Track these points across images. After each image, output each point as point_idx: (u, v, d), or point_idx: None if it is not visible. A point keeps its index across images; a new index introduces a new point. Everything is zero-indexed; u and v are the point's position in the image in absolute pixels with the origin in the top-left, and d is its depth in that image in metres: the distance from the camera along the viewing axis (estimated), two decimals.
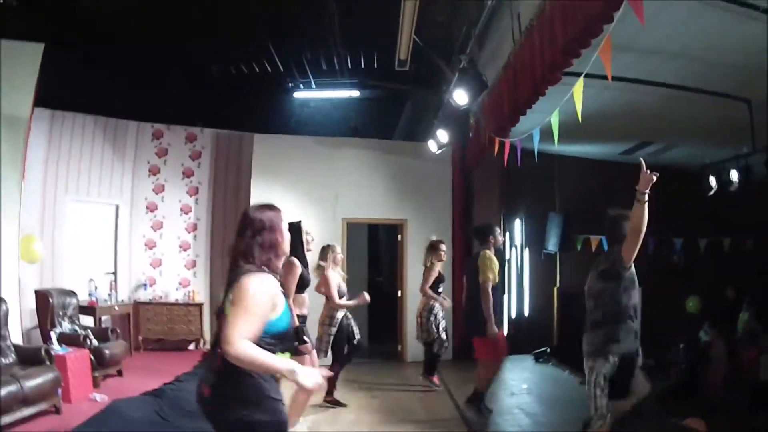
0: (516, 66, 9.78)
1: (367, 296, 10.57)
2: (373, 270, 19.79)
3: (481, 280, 10.16)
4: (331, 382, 11.12)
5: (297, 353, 8.13)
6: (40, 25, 12.45)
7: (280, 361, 4.01)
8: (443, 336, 12.43)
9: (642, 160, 6.82)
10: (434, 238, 12.90)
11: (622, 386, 7.11)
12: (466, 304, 11.07)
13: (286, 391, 5.02)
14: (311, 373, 4.01)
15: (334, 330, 10.80)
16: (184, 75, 16.23)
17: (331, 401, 11.20)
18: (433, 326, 12.38)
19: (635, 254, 6.95)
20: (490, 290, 10.10)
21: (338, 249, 11.20)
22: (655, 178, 6.82)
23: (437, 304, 12.44)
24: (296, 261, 8.64)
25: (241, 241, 4.39)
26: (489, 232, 10.64)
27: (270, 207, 4.58)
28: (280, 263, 4.54)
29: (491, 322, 10.06)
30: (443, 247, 12.59)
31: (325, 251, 10.93)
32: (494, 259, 10.33)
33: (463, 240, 16.29)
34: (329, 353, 10.92)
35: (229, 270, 4.43)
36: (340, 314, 10.92)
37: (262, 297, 4.12)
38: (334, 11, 12.35)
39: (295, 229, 8.68)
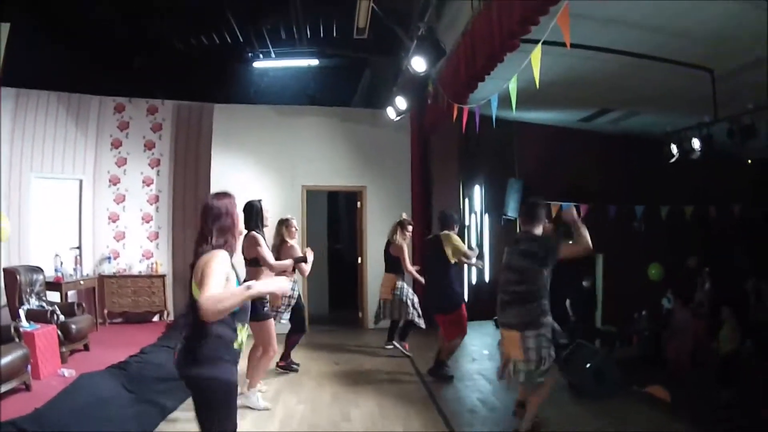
0: (474, 33, 9.90)
1: (310, 253, 10.63)
2: (332, 237, 19.91)
3: (456, 260, 10.74)
4: (288, 348, 11.47)
5: (258, 319, 8.71)
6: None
7: (240, 290, 4.60)
8: (419, 310, 12.64)
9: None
10: (405, 216, 13.04)
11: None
12: (428, 282, 11.38)
13: (242, 360, 5.44)
14: (271, 281, 5.03)
15: (293, 300, 11.01)
16: (145, 48, 16.17)
17: (284, 366, 11.47)
18: (407, 305, 12.54)
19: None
20: (468, 260, 10.91)
21: (293, 221, 11.21)
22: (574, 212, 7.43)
23: (403, 283, 12.66)
24: (257, 234, 8.76)
25: (204, 226, 5.09)
26: (452, 223, 11.04)
27: (225, 195, 5.25)
28: (236, 242, 5.24)
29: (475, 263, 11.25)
30: (410, 228, 12.78)
31: (280, 224, 11.04)
32: (455, 237, 10.83)
33: (422, 208, 16.38)
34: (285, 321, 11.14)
35: (193, 253, 5.06)
36: (295, 284, 11.12)
37: (217, 267, 4.72)
38: None
39: (256, 207, 8.87)
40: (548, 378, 7.57)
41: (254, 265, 8.96)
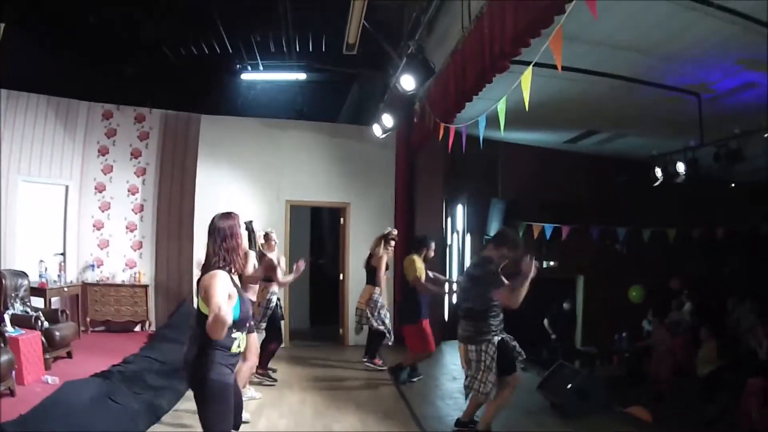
0: (464, 53, 9.94)
1: (302, 263, 10.76)
2: (315, 253, 19.86)
3: (409, 280, 11.38)
4: (265, 357, 11.58)
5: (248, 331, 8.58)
6: None
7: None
8: (388, 325, 12.85)
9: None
10: (390, 230, 13.21)
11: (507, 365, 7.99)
12: (399, 296, 11.78)
13: None
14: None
15: (269, 311, 11.34)
16: (135, 55, 16.19)
17: (262, 374, 11.60)
18: (378, 317, 12.72)
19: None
20: (419, 283, 11.23)
21: (273, 235, 11.70)
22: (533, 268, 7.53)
23: (378, 295, 12.83)
24: (249, 251, 8.89)
25: (211, 245, 5.52)
26: (424, 245, 11.73)
27: (229, 216, 5.65)
28: (241, 260, 5.64)
29: (430, 288, 11.58)
30: (393, 243, 13.02)
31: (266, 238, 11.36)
32: (415, 260, 11.39)
33: (405, 226, 16.39)
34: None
35: (201, 269, 5.58)
36: (274, 296, 11.48)
37: (218, 287, 5.13)
38: None
39: (248, 229, 8.98)
40: (503, 390, 7.99)
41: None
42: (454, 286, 13.46)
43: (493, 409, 8.18)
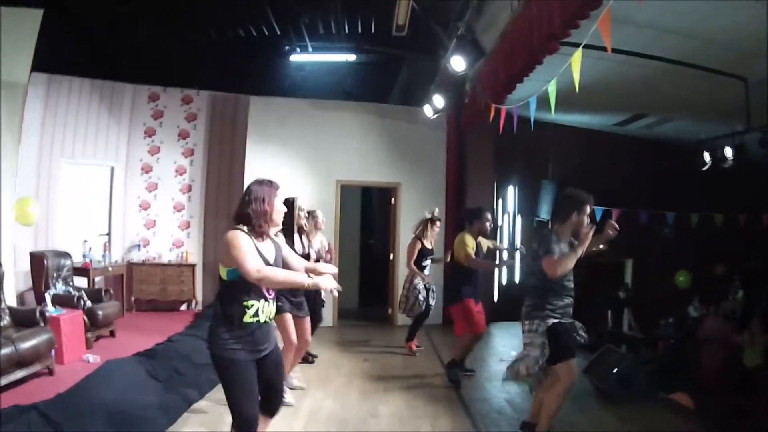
0: (514, 34, 9.77)
1: (338, 287, 10.67)
2: (365, 233, 19.85)
3: (457, 259, 10.83)
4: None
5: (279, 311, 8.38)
6: None
7: (298, 275, 5.33)
8: (421, 308, 12.56)
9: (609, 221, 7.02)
10: (437, 212, 12.83)
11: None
12: (447, 275, 11.46)
13: None
14: (326, 279, 5.34)
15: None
16: (182, 37, 16.17)
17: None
18: (411, 299, 12.51)
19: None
20: (471, 260, 10.63)
21: (319, 213, 11.24)
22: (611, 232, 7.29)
23: (418, 278, 12.52)
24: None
25: (240, 206, 5.44)
26: (476, 217, 10.96)
27: (264, 182, 5.58)
28: (270, 229, 5.54)
29: (486, 265, 11.46)
30: (438, 224, 12.67)
31: (306, 217, 10.89)
32: (466, 239, 10.75)
33: (455, 207, 16.34)
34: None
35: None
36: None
37: (242, 241, 5.12)
38: None
39: (289, 204, 8.79)
40: (561, 375, 7.34)
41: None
42: (506, 255, 13.36)
43: (547, 407, 7.47)
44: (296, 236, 9.42)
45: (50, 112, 14.45)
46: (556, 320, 7.25)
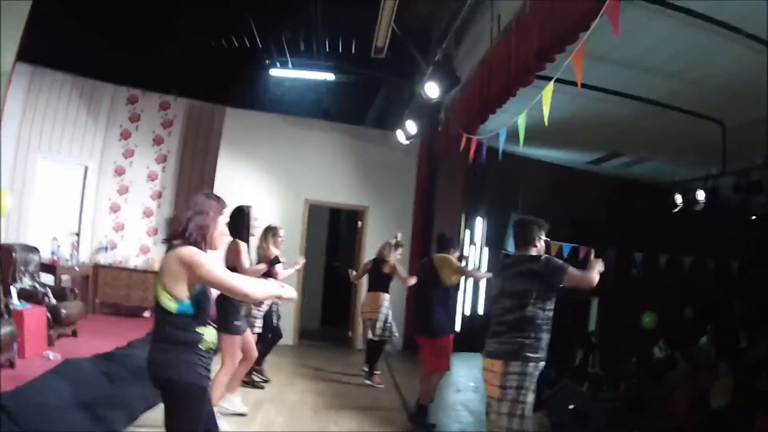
0: (491, 65, 9.87)
1: (302, 260, 10.70)
2: (331, 254, 19.86)
3: (444, 281, 10.25)
4: (258, 358, 11.16)
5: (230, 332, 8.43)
6: None
7: (274, 285, 5.20)
8: (393, 332, 12.61)
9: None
10: (399, 237, 13.00)
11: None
12: (417, 306, 11.06)
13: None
14: (289, 290, 5.09)
15: (263, 310, 10.91)
16: (164, 43, 16.24)
17: (257, 371, 11.38)
18: (389, 324, 12.50)
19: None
20: (467, 271, 11.29)
21: (280, 231, 10.99)
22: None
23: (386, 303, 12.53)
24: (240, 242, 8.71)
25: (184, 218, 4.97)
26: (452, 246, 10.68)
27: (212, 195, 5.18)
28: (204, 246, 4.97)
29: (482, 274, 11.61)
30: (400, 250, 12.74)
31: (266, 232, 10.81)
32: (450, 258, 10.44)
33: (422, 234, 16.51)
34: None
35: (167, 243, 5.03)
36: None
37: (207, 258, 4.77)
38: None
39: (244, 213, 8.85)
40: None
41: (234, 272, 8.97)
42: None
43: None
44: (245, 246, 9.31)
45: (30, 105, 14.45)
46: (544, 362, 6.70)
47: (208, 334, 4.95)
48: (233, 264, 8.64)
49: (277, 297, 5.05)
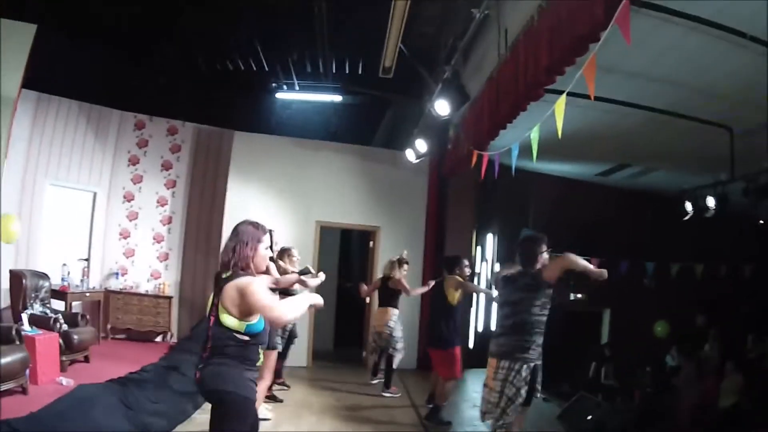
0: (499, 80, 9.85)
1: (322, 275, 10.84)
2: (343, 275, 19.81)
3: (450, 300, 11.10)
4: (277, 373, 11.61)
5: (269, 347, 8.61)
6: (31, 4, 12.43)
7: (302, 300, 5.44)
8: (397, 347, 12.93)
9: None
10: (405, 254, 13.33)
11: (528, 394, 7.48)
12: (429, 321, 11.92)
13: None
14: (316, 296, 5.60)
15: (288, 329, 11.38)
16: (170, 67, 16.25)
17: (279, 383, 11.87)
18: (396, 338, 12.80)
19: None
20: (468, 285, 11.39)
21: (294, 251, 11.59)
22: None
23: (394, 317, 12.83)
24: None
25: (231, 249, 5.51)
26: (456, 264, 11.34)
27: (254, 225, 5.68)
28: (250, 271, 5.46)
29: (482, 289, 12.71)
30: (406, 267, 13.05)
31: (282, 253, 11.35)
32: (458, 281, 11.11)
33: (434, 253, 16.39)
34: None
35: (217, 276, 5.53)
36: None
37: (262, 287, 5.18)
38: (324, 15, 12.42)
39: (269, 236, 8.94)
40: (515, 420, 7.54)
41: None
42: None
43: None
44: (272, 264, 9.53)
45: (37, 132, 14.39)
46: (537, 362, 7.41)
47: (261, 353, 5.63)
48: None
49: (309, 307, 5.48)
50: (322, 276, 10.12)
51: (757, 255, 16.19)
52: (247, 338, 5.26)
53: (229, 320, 5.22)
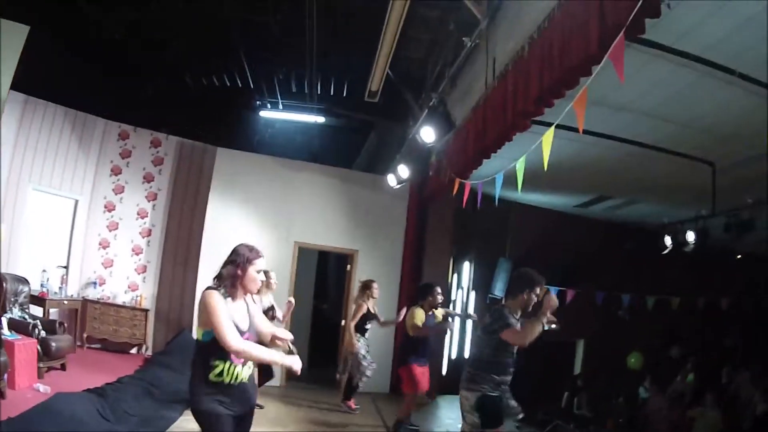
0: (486, 109, 9.90)
1: (292, 299, 10.98)
2: (319, 297, 19.82)
3: (407, 329, 11.65)
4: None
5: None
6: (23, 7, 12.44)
7: (274, 355, 5.68)
8: (366, 373, 13.09)
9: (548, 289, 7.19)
10: (365, 277, 13.47)
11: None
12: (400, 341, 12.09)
13: None
14: (295, 360, 5.78)
15: None
16: (156, 78, 16.29)
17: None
18: (356, 364, 12.98)
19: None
20: (417, 329, 11.45)
21: (271, 274, 11.61)
22: (556, 303, 7.20)
23: (360, 342, 12.98)
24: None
25: (222, 265, 5.74)
26: (428, 293, 11.79)
27: (248, 248, 5.82)
28: (237, 291, 5.69)
29: (436, 330, 12.17)
30: (375, 286, 13.11)
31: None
32: (416, 313, 11.57)
33: (411, 278, 16.44)
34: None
35: None
36: None
37: (218, 304, 5.38)
38: (313, 36, 12.50)
39: None
40: None
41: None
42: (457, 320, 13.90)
43: None
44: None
45: (23, 135, 14.32)
46: (483, 393, 7.54)
47: (225, 368, 5.47)
48: None
49: (286, 367, 5.65)
50: (292, 301, 10.31)
51: (735, 289, 16.34)
52: (204, 344, 5.42)
53: (196, 328, 5.62)
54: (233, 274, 5.60)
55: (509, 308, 7.59)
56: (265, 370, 11.72)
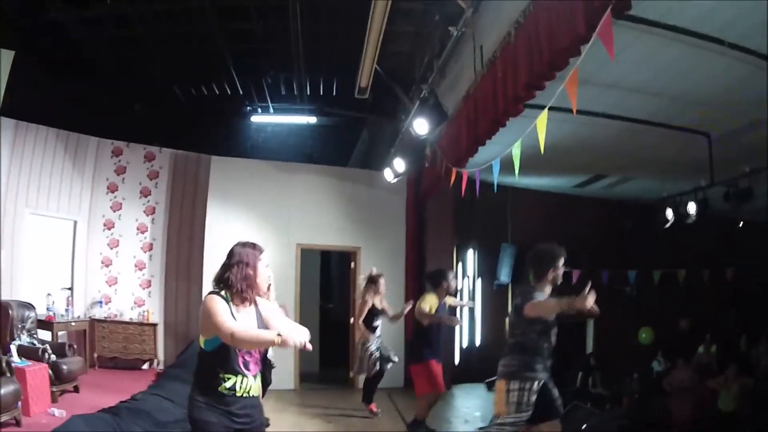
0: (477, 97, 9.86)
1: (285, 305, 10.94)
2: (325, 297, 19.79)
3: (423, 321, 10.90)
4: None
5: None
6: (7, 32, 12.41)
7: (265, 333, 5.15)
8: (376, 367, 12.68)
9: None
10: (374, 271, 13.05)
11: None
12: (411, 335, 11.88)
13: None
14: (297, 332, 5.07)
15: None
16: (146, 93, 16.25)
17: None
18: (366, 359, 12.65)
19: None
20: (423, 314, 10.84)
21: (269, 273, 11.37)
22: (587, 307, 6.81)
23: (371, 337, 12.66)
24: None
25: (221, 269, 5.43)
26: (441, 278, 11.19)
27: (251, 245, 5.54)
28: (254, 293, 5.44)
29: (445, 320, 11.29)
30: (382, 281, 12.78)
31: None
32: (426, 298, 10.98)
33: (416, 271, 16.49)
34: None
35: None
36: None
37: (217, 305, 5.10)
38: (298, 37, 12.48)
39: None
40: None
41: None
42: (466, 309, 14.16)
43: None
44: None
45: (16, 160, 14.24)
46: (543, 380, 7.25)
47: (237, 381, 5.24)
48: None
49: (281, 344, 4.96)
50: (286, 306, 10.28)
51: (740, 258, 16.31)
52: (209, 353, 5.20)
53: (200, 338, 5.30)
54: (246, 275, 5.30)
55: (536, 288, 7.42)
56: (262, 380, 11.65)
